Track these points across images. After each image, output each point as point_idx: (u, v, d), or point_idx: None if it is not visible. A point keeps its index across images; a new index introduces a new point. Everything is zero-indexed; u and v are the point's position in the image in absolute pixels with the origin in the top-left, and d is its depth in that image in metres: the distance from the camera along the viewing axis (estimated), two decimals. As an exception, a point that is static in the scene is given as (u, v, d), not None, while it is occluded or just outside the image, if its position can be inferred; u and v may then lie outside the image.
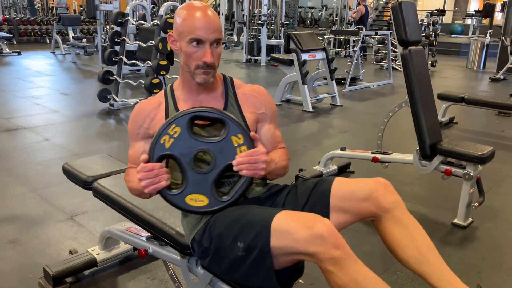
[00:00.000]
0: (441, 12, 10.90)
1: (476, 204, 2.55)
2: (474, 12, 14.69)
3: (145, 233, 1.77)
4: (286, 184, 1.53)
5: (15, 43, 10.87)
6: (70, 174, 1.99)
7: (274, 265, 1.22)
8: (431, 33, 9.08)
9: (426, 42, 8.77)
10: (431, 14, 10.02)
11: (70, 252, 2.09)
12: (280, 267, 1.24)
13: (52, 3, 14.17)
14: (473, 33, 15.26)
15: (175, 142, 1.28)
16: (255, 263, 1.23)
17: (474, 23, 15.58)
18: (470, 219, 2.64)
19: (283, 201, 1.43)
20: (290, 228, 1.18)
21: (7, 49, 9.64)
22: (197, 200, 1.31)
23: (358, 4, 10.65)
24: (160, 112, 1.44)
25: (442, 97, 4.64)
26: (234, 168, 1.28)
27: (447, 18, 18.31)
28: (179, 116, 1.29)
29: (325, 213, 1.33)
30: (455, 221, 2.62)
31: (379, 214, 1.36)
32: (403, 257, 1.36)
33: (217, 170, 1.30)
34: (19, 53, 9.69)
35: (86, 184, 1.90)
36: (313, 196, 1.38)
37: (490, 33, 9.97)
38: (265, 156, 1.29)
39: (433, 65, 9.22)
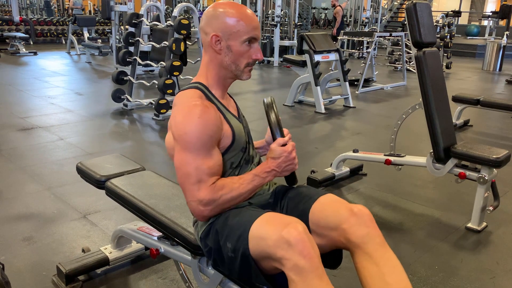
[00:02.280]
0: (457, 13, 10.75)
1: (491, 208, 2.52)
2: (490, 13, 14.48)
3: (156, 233, 1.78)
4: (293, 186, 1.53)
5: (31, 43, 11.04)
6: (83, 173, 2.01)
7: (267, 269, 1.21)
8: (446, 34, 8.97)
9: (441, 44, 8.67)
10: (447, 15, 9.90)
11: (83, 251, 2.12)
12: (274, 272, 1.23)
13: (68, 4, 14.35)
14: (490, 34, 15.07)
15: None
16: (243, 264, 1.23)
17: (491, 24, 15.38)
18: (484, 224, 2.61)
19: (282, 205, 1.46)
20: (265, 233, 1.18)
21: (24, 49, 9.80)
22: None
23: (333, 6, 10.56)
24: (220, 117, 1.37)
25: (457, 99, 4.59)
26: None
27: (463, 20, 18.10)
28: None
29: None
30: (469, 225, 2.59)
31: (349, 247, 1.28)
32: None
33: None
34: (35, 53, 9.84)
35: (99, 183, 1.92)
36: (294, 214, 1.37)
37: (507, 34, 9.81)
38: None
39: (448, 67, 9.11)
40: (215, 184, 1.29)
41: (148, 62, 5.31)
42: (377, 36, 7.43)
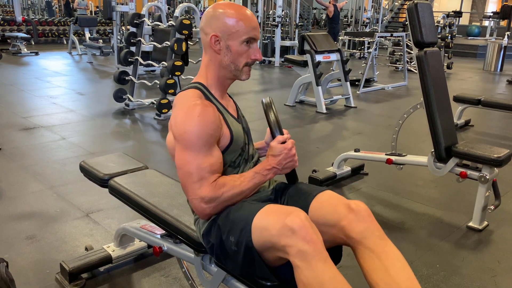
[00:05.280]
0: (458, 14, 10.74)
1: (492, 207, 2.52)
2: (491, 14, 14.47)
3: (159, 231, 1.79)
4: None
5: (33, 43, 11.06)
6: (87, 172, 2.02)
7: (271, 261, 1.23)
8: (447, 34, 8.97)
9: (442, 44, 8.67)
10: (448, 15, 9.89)
11: (86, 249, 2.13)
12: (277, 264, 1.25)
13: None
14: (491, 35, 15.05)
15: None
16: (246, 257, 1.24)
17: (492, 24, 15.36)
18: (485, 223, 2.61)
19: (283, 200, 1.47)
20: (267, 223, 1.20)
21: (25, 50, 9.82)
22: None
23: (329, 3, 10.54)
24: (219, 116, 1.38)
25: (458, 99, 4.60)
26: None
27: (464, 20, 18.07)
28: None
29: None
30: (470, 224, 2.60)
31: (349, 243, 1.28)
32: None
33: None
34: (37, 54, 9.86)
35: (103, 181, 1.93)
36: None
37: (508, 35, 9.81)
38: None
39: (449, 67, 9.11)
40: (217, 181, 1.30)
41: (149, 62, 5.32)
42: (378, 36, 7.43)
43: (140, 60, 5.21)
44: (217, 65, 1.40)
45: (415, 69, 2.87)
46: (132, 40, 5.22)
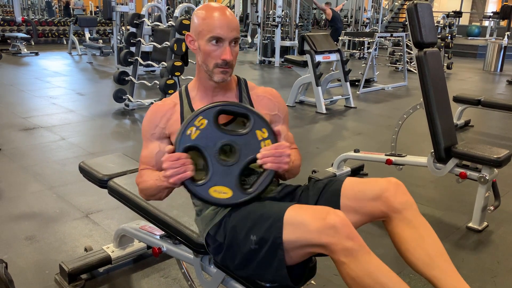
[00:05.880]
0: (458, 14, 10.73)
1: (492, 208, 2.52)
2: (491, 14, 14.47)
3: (159, 232, 1.79)
4: (299, 184, 1.54)
5: (33, 43, 11.06)
6: (86, 173, 2.02)
7: (286, 260, 1.23)
8: (447, 35, 8.97)
9: (442, 44, 8.67)
10: (448, 15, 9.89)
11: (85, 250, 2.13)
12: (292, 263, 1.25)
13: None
14: (491, 35, 15.04)
15: (201, 134, 1.29)
16: (267, 256, 1.24)
17: (492, 25, 15.36)
18: (485, 223, 2.61)
19: (297, 201, 1.44)
20: (302, 220, 1.19)
21: (25, 50, 9.82)
22: (221, 192, 1.31)
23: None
24: (176, 113, 1.45)
25: (458, 99, 4.59)
26: (259, 162, 1.29)
27: (464, 20, 18.07)
28: (206, 109, 1.30)
29: None
30: (470, 224, 2.60)
31: (389, 214, 1.33)
32: (412, 260, 1.32)
33: (242, 163, 1.31)
34: (36, 54, 9.86)
35: (102, 182, 1.93)
36: (323, 196, 1.39)
37: (508, 35, 9.81)
38: (289, 150, 1.31)
39: (449, 68, 9.11)
40: (141, 171, 1.47)
41: (149, 62, 5.32)
42: (378, 37, 7.43)
43: (140, 60, 5.21)
44: (198, 66, 1.44)
45: (415, 69, 2.87)
46: (132, 41, 5.22)
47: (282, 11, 9.63)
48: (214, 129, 1.30)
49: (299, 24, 10.62)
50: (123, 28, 8.48)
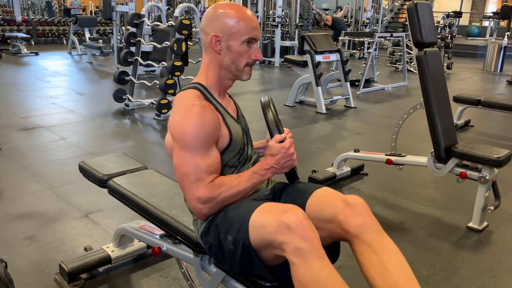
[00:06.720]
0: (458, 14, 10.73)
1: (492, 207, 2.52)
2: (491, 14, 14.46)
3: (159, 231, 1.79)
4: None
5: (33, 43, 11.05)
6: (86, 172, 2.02)
7: (266, 260, 1.23)
8: (447, 35, 8.97)
9: (442, 44, 8.67)
10: (448, 16, 9.89)
11: (85, 249, 2.13)
12: (274, 263, 1.25)
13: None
14: (491, 35, 15.04)
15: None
16: (244, 256, 1.24)
17: (492, 25, 15.36)
18: (485, 223, 2.61)
19: (278, 200, 1.48)
20: (264, 221, 1.20)
21: (25, 50, 9.81)
22: None
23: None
24: (219, 116, 1.38)
25: (458, 99, 4.59)
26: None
27: (464, 20, 18.06)
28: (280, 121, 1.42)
29: None
30: (470, 224, 2.59)
31: (346, 237, 1.28)
32: (374, 287, 1.23)
33: None
34: (36, 54, 9.85)
35: (102, 182, 1.92)
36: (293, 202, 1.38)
37: (508, 35, 9.81)
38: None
39: (449, 68, 9.11)
40: (214, 182, 1.31)
41: (149, 62, 5.32)
42: (378, 37, 7.43)
43: (140, 60, 5.20)
44: (217, 65, 1.40)
45: (415, 69, 2.87)
46: (132, 40, 5.21)
47: (282, 11, 9.63)
48: None
49: (299, 24, 10.61)
50: (123, 28, 8.48)
